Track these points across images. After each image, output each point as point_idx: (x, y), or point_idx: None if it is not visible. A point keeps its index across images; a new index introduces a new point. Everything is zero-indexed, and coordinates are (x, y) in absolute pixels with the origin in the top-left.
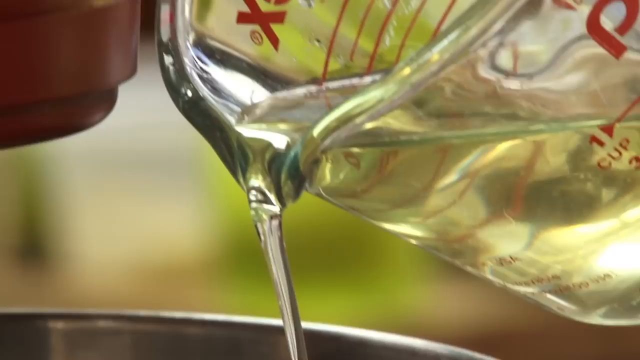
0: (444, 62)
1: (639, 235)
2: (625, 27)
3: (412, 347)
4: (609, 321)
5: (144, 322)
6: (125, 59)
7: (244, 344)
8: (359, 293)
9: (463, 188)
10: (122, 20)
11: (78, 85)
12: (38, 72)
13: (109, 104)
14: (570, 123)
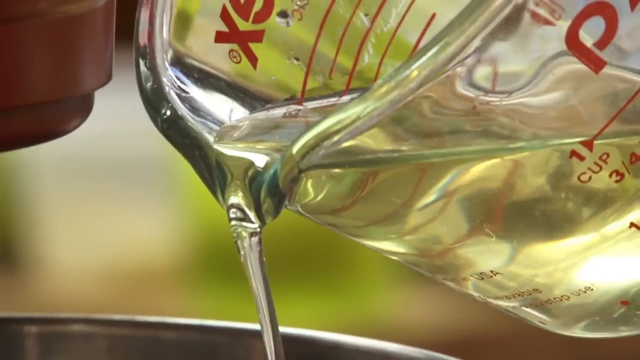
0: (423, 79)
1: (619, 248)
2: (604, 42)
3: (386, 350)
4: (591, 334)
5: (118, 326)
6: (100, 66)
7: (219, 348)
8: (333, 298)
9: (443, 205)
10: (96, 27)
11: (52, 91)
12: (11, 78)
13: (84, 110)
14: (550, 139)
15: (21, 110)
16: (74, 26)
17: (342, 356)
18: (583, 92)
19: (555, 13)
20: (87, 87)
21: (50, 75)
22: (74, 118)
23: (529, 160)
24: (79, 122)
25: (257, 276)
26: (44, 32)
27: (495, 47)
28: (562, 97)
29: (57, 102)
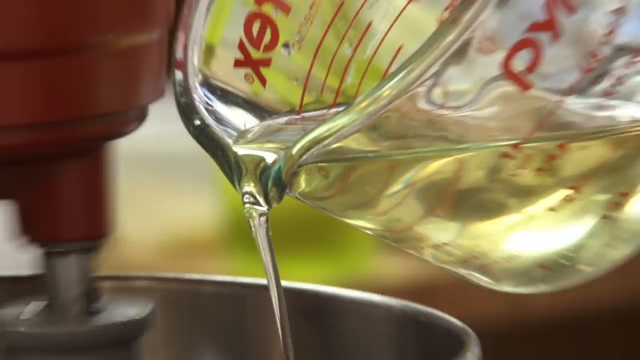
0: (392, 97)
1: (538, 226)
2: (531, 69)
3: (372, 300)
4: (517, 290)
5: (169, 282)
6: (155, 85)
7: (247, 298)
8: (328, 261)
9: (407, 193)
10: (152, 56)
11: (118, 104)
12: (89, 94)
13: (142, 118)
14: (488, 142)
15: (95, 118)
16: (136, 55)
17: (337, 306)
18: (514, 107)
19: (493, 46)
20: (146, 101)
21: (116, 92)
22: (133, 124)
23: (472, 159)
24: (137, 127)
25: (264, 246)
26: (112, 59)
27: (447, 72)
28: (498, 111)
29: (121, 112)
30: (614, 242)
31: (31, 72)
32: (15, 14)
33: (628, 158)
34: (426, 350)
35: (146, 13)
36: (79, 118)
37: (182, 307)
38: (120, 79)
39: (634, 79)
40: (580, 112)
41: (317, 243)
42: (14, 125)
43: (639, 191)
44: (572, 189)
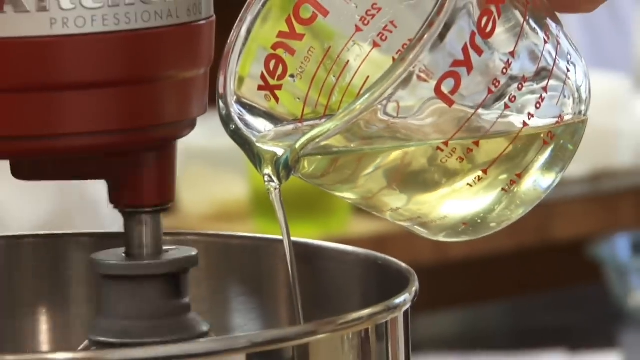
0: (361, 110)
1: (461, 196)
2: (454, 91)
3: (344, 249)
4: (447, 239)
5: (208, 237)
6: (201, 104)
7: (261, 248)
8: (316, 223)
9: (373, 174)
10: (199, 84)
11: (179, 116)
12: (156, 109)
13: (192, 126)
14: (427, 140)
15: (160, 126)
16: (188, 84)
17: (320, 253)
18: (443, 117)
19: (429, 76)
20: (193, 115)
21: (174, 109)
22: (187, 130)
23: (417, 151)
24: (189, 132)
25: (279, 209)
26: (173, 87)
27: (398, 94)
28: (433, 119)
29: (178, 122)
30: (511, 207)
31: (121, 94)
32: (112, 57)
33: (520, 151)
34: (382, 285)
35: (196, 56)
36: (151, 125)
37: (217, 253)
38: (178, 99)
39: (522, 98)
40: (487, 119)
41: (308, 210)
42: (109, 130)
43: (528, 173)
44: (483, 172)
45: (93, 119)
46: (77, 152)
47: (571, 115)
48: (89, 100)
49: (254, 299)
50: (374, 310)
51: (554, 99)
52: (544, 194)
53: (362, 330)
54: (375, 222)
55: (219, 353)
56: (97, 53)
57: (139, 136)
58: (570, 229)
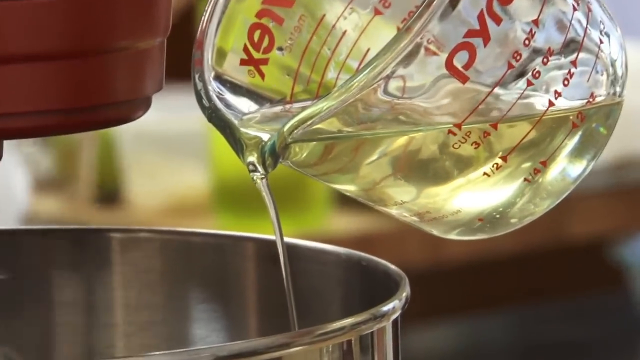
0: (359, 88)
1: (476, 187)
2: (468, 66)
3: (324, 249)
4: (460, 238)
5: (167, 234)
6: (156, 80)
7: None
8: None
9: (379, 163)
10: (154, 56)
11: (127, 94)
12: (104, 87)
13: (146, 106)
14: (437, 124)
15: (109, 106)
16: (142, 56)
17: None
18: (456, 97)
19: (439, 48)
20: (148, 92)
21: (126, 85)
22: (140, 110)
23: (425, 136)
24: (143, 113)
25: (269, 199)
26: (125, 60)
27: (403, 69)
28: (444, 100)
29: (130, 101)
30: (535, 200)
31: (63, 69)
32: (53, 26)
33: (545, 135)
34: (367, 289)
35: (150, 25)
36: (98, 105)
37: (174, 253)
38: (130, 75)
39: (548, 74)
40: (507, 99)
41: (284, 205)
42: (49, 110)
43: (554, 160)
44: (502, 159)
45: (31, 98)
46: (12, 134)
47: (604, 94)
48: (25, 76)
49: (217, 306)
50: (358, 319)
51: (584, 75)
52: (573, 185)
53: (344, 342)
54: (360, 218)
55: None
56: (35, 20)
57: (85, 117)
58: (588, 227)
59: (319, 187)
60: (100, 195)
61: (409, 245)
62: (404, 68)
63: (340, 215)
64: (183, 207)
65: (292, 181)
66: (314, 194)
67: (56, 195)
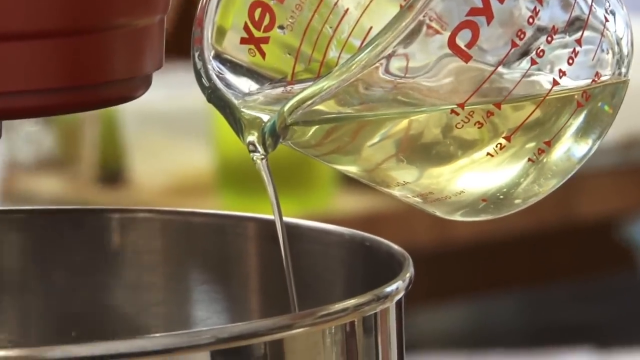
0: (361, 67)
1: (480, 168)
2: (471, 44)
3: (327, 229)
4: (464, 219)
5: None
6: (155, 58)
7: (228, 227)
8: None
9: (382, 144)
10: (154, 34)
11: (127, 72)
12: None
13: (147, 85)
14: (440, 104)
15: (109, 84)
16: (141, 34)
17: (299, 233)
18: (459, 76)
19: (442, 26)
20: (147, 70)
21: (125, 63)
22: (140, 89)
23: (428, 116)
24: (143, 92)
25: (268, 180)
26: (123, 37)
27: (406, 48)
28: (447, 79)
29: (129, 79)
30: (539, 180)
31: (61, 47)
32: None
33: (549, 115)
34: (370, 270)
35: (150, 2)
36: (98, 83)
37: (175, 234)
38: (130, 53)
39: (552, 53)
40: (511, 77)
41: (288, 185)
42: (48, 89)
43: (559, 140)
44: (506, 139)
45: (30, 76)
46: (11, 114)
47: (610, 72)
48: (24, 54)
49: (218, 288)
50: (361, 300)
51: (589, 54)
52: (578, 165)
53: (347, 324)
54: (366, 197)
55: (178, 350)
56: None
57: (84, 96)
58: (597, 206)
59: (324, 167)
60: (103, 175)
61: (416, 225)
62: (406, 47)
63: (346, 195)
64: (186, 186)
65: (296, 160)
66: (319, 173)
67: (58, 175)
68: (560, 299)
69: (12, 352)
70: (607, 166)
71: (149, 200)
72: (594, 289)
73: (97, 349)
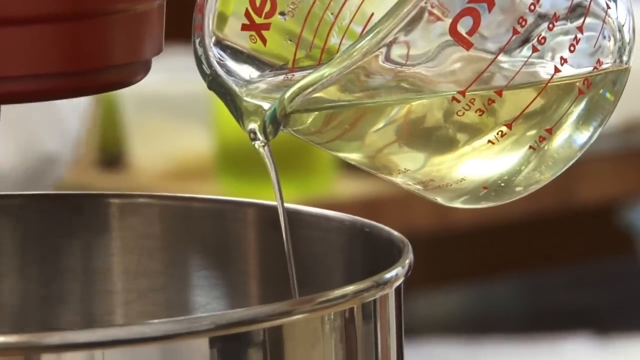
0: (362, 54)
1: (481, 155)
2: (472, 31)
3: (326, 215)
4: (465, 206)
5: (165, 199)
6: (155, 43)
7: (227, 213)
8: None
9: (385, 131)
10: (154, 19)
11: (127, 57)
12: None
13: (146, 69)
14: (441, 91)
15: (108, 69)
16: (140, 18)
17: (299, 218)
18: (460, 63)
19: (443, 13)
20: (147, 56)
21: (124, 48)
22: (139, 74)
23: (429, 104)
24: (142, 77)
25: (271, 167)
26: (123, 22)
27: (407, 35)
28: (448, 67)
29: (128, 64)
30: (540, 167)
31: (61, 31)
32: None
33: (550, 102)
34: (370, 256)
35: None
36: (97, 68)
37: (174, 219)
38: (129, 38)
39: (554, 40)
40: (512, 65)
41: (288, 169)
42: (47, 73)
43: (560, 128)
44: (507, 127)
45: (29, 61)
46: (10, 99)
47: (611, 59)
48: (23, 39)
49: (218, 273)
50: (360, 287)
51: (591, 41)
52: (579, 152)
53: (346, 310)
54: (366, 182)
55: (177, 337)
56: None
57: (83, 81)
58: (597, 191)
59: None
60: (102, 158)
61: (416, 210)
62: (408, 34)
63: (346, 179)
64: (186, 170)
65: (296, 145)
66: (319, 158)
67: None
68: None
69: (10, 339)
70: (608, 151)
71: (149, 183)
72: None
73: (96, 335)
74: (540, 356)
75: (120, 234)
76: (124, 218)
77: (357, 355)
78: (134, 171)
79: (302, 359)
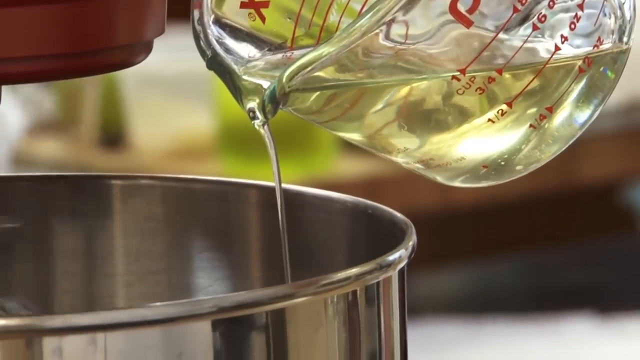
0: (362, 32)
1: (480, 134)
2: (472, 10)
3: (329, 196)
4: (465, 185)
5: (167, 180)
6: (157, 23)
7: (229, 194)
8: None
9: (384, 111)
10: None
11: (129, 38)
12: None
13: (147, 50)
14: (441, 71)
15: (110, 50)
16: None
17: (301, 200)
18: (460, 42)
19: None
20: (148, 36)
21: (126, 29)
22: (140, 55)
23: (430, 83)
24: (144, 58)
25: (271, 145)
26: (124, 3)
27: (407, 14)
28: (448, 45)
29: (130, 45)
30: (541, 146)
31: (62, 12)
32: None
33: (551, 80)
34: (373, 238)
35: None
36: (99, 49)
37: (176, 200)
38: (131, 18)
39: (554, 17)
40: (512, 43)
41: (289, 149)
42: (49, 54)
43: (561, 106)
44: (507, 105)
45: (30, 42)
46: (11, 79)
47: (612, 37)
48: (25, 20)
49: (220, 255)
50: (363, 269)
51: (591, 18)
52: (580, 130)
53: (349, 293)
54: (367, 162)
55: (179, 319)
56: None
57: (85, 61)
58: (599, 170)
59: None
60: (104, 138)
61: (418, 190)
62: (408, 12)
63: (348, 159)
64: (187, 150)
65: (298, 124)
66: (321, 137)
67: (58, 138)
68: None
69: (12, 322)
70: (609, 130)
71: (150, 163)
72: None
73: (97, 318)
74: (542, 335)
75: (121, 216)
76: (125, 200)
77: (360, 337)
78: (135, 151)
79: (305, 342)
